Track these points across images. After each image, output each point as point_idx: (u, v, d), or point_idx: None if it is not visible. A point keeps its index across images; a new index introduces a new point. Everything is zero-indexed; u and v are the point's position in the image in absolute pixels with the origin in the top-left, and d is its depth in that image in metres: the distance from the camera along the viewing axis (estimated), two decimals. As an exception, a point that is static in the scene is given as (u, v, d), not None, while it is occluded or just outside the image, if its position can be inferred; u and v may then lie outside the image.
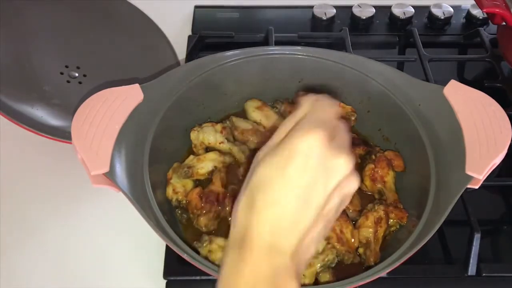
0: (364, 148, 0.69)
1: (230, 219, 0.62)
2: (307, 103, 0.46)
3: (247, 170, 0.63)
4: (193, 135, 0.68)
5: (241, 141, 0.70)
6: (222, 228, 0.62)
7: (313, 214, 0.42)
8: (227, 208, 0.62)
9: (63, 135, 0.69)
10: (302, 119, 0.44)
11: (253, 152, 0.69)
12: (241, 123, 0.71)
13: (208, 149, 0.68)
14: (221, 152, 0.68)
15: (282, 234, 0.40)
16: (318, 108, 0.46)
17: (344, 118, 0.72)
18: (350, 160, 0.43)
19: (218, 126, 0.69)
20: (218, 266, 0.55)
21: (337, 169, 0.43)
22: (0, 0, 0.79)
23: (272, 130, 0.71)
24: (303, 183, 0.41)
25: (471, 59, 0.92)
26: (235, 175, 0.66)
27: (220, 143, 0.68)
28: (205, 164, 0.65)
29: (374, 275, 0.52)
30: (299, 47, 0.72)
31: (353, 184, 0.44)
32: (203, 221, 0.61)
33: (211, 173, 0.65)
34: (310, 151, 0.41)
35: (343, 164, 0.43)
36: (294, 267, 0.40)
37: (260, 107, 0.72)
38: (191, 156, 0.67)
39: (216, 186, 0.63)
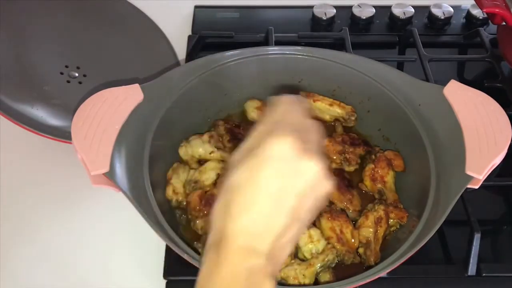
0: (364, 148, 0.69)
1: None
2: (280, 106, 0.48)
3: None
4: (182, 151, 0.67)
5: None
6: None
7: (286, 217, 0.43)
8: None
9: (63, 135, 0.69)
10: (276, 123, 0.46)
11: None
12: None
13: (201, 161, 0.67)
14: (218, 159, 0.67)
15: (256, 236, 0.42)
16: (290, 111, 0.47)
17: (339, 120, 0.73)
18: (320, 163, 0.44)
19: (205, 136, 0.67)
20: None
21: (307, 172, 0.43)
22: (0, 0, 0.79)
23: None
24: (275, 187, 0.42)
25: (471, 59, 0.91)
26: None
27: (210, 153, 0.66)
28: (208, 175, 0.64)
29: (374, 275, 0.52)
30: (299, 47, 0.72)
31: (325, 186, 0.45)
32: (200, 224, 0.61)
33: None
34: (282, 156, 0.43)
35: (313, 167, 0.43)
36: (269, 267, 0.42)
37: (260, 107, 0.72)
38: (192, 171, 0.65)
39: (219, 190, 0.63)
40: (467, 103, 0.61)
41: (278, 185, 0.42)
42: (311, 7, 0.96)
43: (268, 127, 0.45)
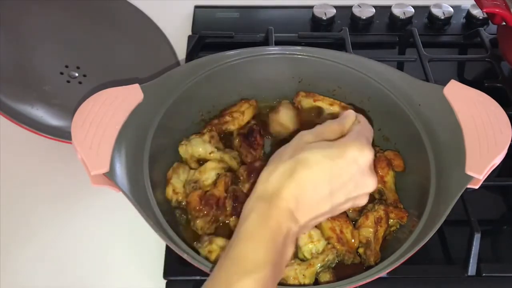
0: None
1: (227, 222, 0.62)
2: (351, 118, 0.55)
3: (248, 171, 0.64)
4: (182, 149, 0.66)
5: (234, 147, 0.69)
6: (219, 232, 0.61)
7: (329, 207, 0.50)
8: (228, 208, 0.62)
9: (63, 135, 0.69)
10: (355, 130, 0.52)
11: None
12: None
13: (200, 160, 0.67)
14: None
15: (302, 209, 0.48)
16: (365, 128, 0.54)
17: None
18: (376, 183, 0.52)
19: (206, 136, 0.67)
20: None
21: (365, 185, 0.51)
22: (0, 0, 0.79)
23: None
24: (338, 180, 0.49)
25: (471, 59, 0.92)
26: (236, 176, 0.66)
27: (210, 153, 0.66)
28: (208, 175, 0.64)
29: (374, 275, 0.52)
30: (299, 47, 0.72)
31: (364, 201, 0.53)
32: (199, 224, 0.61)
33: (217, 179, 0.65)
34: (359, 160, 0.49)
35: (371, 184, 0.51)
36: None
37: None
38: (192, 171, 0.65)
39: (219, 190, 0.63)
40: (467, 103, 0.61)
41: (341, 180, 0.49)
42: (311, 7, 0.96)
43: (346, 130, 0.53)
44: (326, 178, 0.48)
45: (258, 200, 0.47)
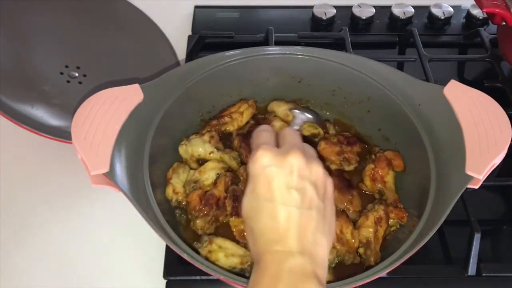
0: (360, 145, 0.69)
1: (227, 222, 0.62)
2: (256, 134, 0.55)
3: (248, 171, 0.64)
4: (182, 149, 0.67)
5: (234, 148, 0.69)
6: (219, 232, 0.61)
7: (296, 211, 0.47)
8: (228, 208, 0.62)
9: (63, 135, 0.69)
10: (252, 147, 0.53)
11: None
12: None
13: (200, 160, 0.67)
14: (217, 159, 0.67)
15: (281, 239, 0.46)
16: (253, 136, 0.55)
17: (328, 120, 0.73)
18: (294, 151, 0.48)
19: (206, 136, 0.67)
20: (218, 266, 0.55)
21: (289, 164, 0.48)
22: (1, 0, 0.79)
23: None
24: (272, 194, 0.47)
25: (471, 59, 0.92)
26: (236, 176, 0.66)
27: (210, 153, 0.66)
28: (208, 175, 0.64)
29: (374, 275, 0.52)
30: (299, 47, 0.72)
31: (315, 168, 0.49)
32: (199, 224, 0.61)
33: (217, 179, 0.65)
34: (262, 166, 0.48)
35: (292, 158, 0.48)
36: (309, 265, 0.45)
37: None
38: (192, 171, 0.65)
39: (219, 190, 0.63)
40: (467, 103, 0.61)
41: (274, 191, 0.47)
42: (311, 7, 0.96)
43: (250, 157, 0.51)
44: (265, 205, 0.48)
45: (253, 268, 0.48)
